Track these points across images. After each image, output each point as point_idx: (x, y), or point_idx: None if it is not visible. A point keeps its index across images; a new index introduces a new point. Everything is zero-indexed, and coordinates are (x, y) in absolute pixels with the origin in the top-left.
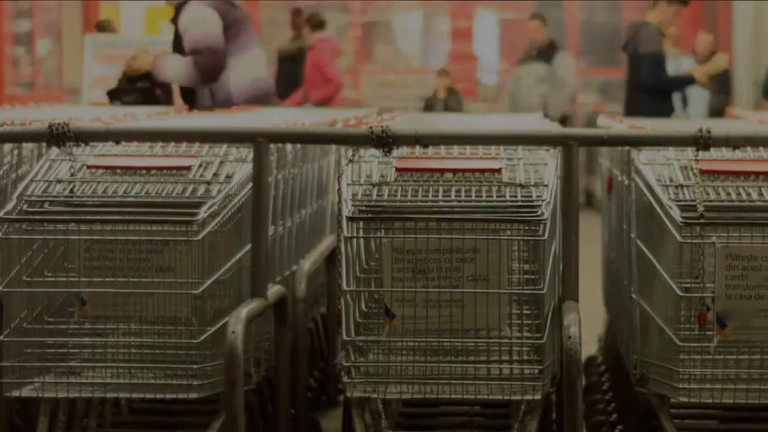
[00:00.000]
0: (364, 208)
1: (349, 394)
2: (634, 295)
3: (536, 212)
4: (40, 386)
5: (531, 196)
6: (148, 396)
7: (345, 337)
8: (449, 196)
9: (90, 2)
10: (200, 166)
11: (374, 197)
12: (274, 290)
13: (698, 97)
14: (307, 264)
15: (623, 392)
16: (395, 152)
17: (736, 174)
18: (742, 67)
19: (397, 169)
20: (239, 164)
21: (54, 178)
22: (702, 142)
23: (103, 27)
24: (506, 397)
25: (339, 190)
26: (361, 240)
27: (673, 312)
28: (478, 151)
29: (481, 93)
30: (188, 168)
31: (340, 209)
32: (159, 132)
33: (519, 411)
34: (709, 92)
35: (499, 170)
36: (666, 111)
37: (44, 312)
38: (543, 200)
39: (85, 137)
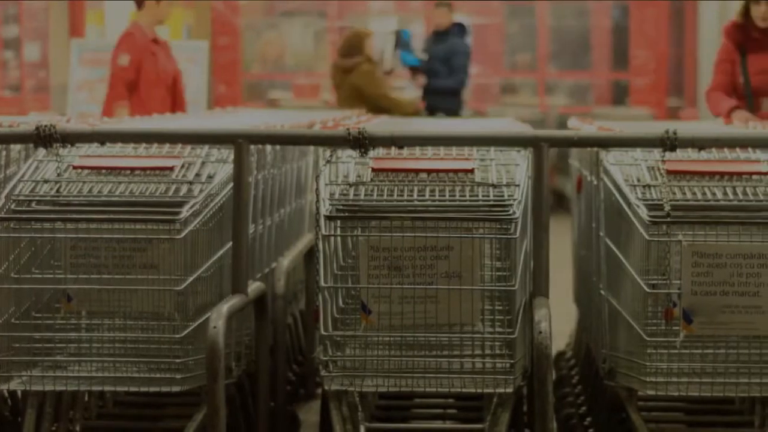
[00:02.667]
0: (341, 207)
1: (326, 387)
2: (602, 292)
3: (508, 211)
4: (28, 380)
5: (503, 196)
6: (133, 389)
7: (323, 332)
8: (424, 195)
9: (75, 7)
10: (182, 166)
11: (351, 197)
12: (254, 287)
13: None
14: (286, 261)
15: (592, 385)
16: (371, 153)
17: (702, 174)
18: (706, 70)
19: (374, 170)
20: (220, 165)
21: (41, 178)
22: (668, 143)
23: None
24: (479, 391)
25: (317, 189)
26: (339, 238)
27: (641, 308)
28: (452, 152)
29: None
30: (171, 168)
31: (318, 208)
32: (143, 134)
33: (491, 404)
34: None
35: (471, 170)
36: None
37: (31, 308)
38: (514, 199)
39: (71, 138)
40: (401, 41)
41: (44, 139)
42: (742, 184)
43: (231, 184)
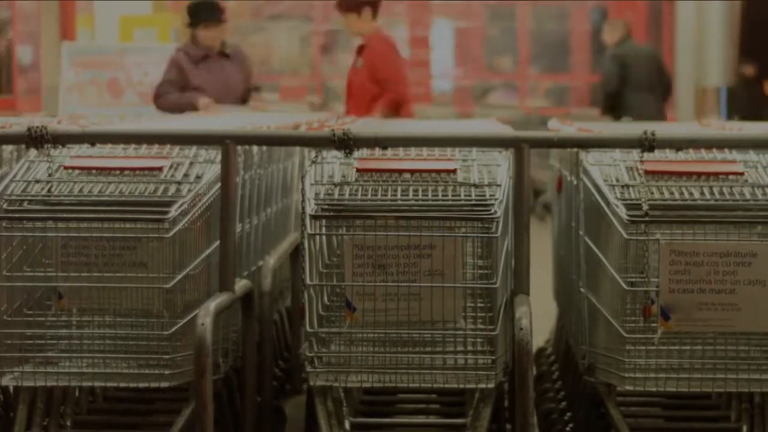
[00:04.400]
0: (326, 206)
1: (312, 383)
2: (582, 289)
3: (489, 210)
4: (20, 375)
5: (484, 195)
6: (122, 385)
7: (308, 329)
8: (407, 195)
9: (67, 11)
10: (171, 166)
11: (336, 196)
12: (241, 284)
13: None
14: (272, 259)
15: (572, 381)
16: (356, 154)
17: (679, 174)
18: (684, 74)
19: (358, 170)
20: (208, 165)
21: (33, 179)
22: (647, 144)
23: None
24: (461, 386)
25: (303, 189)
26: (324, 237)
27: (620, 305)
28: (435, 152)
29: (436, 98)
30: (160, 169)
31: (303, 208)
32: (132, 135)
33: (473, 399)
34: None
35: (454, 171)
36: None
37: (23, 305)
38: (496, 199)
39: (62, 139)
40: None
41: (36, 140)
42: (718, 184)
43: (218, 184)
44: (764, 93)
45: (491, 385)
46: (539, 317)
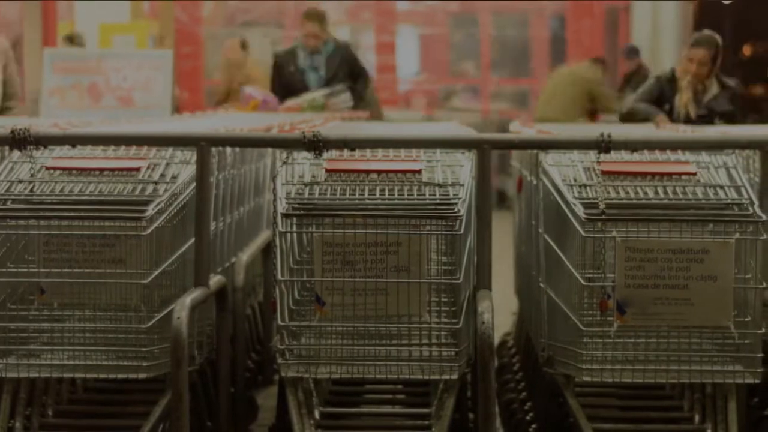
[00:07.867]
0: (297, 205)
1: (283, 374)
2: (542, 285)
3: (453, 209)
4: (3, 367)
5: (448, 195)
6: (102, 376)
7: (280, 323)
8: (374, 194)
9: (49, 19)
10: (148, 167)
11: (306, 196)
12: (215, 280)
13: None
14: (245, 256)
15: (532, 372)
16: (325, 155)
17: (634, 174)
18: None
19: (327, 170)
20: (184, 166)
21: (16, 179)
22: (603, 145)
23: (71, 40)
24: (426, 377)
25: (274, 189)
26: (295, 234)
27: (577, 300)
28: (401, 153)
29: (402, 101)
30: (137, 169)
31: (275, 206)
32: (111, 136)
33: (437, 389)
34: None
35: (419, 171)
36: None
37: (7, 300)
38: (459, 198)
39: (44, 141)
40: None
41: (19, 141)
42: (672, 184)
43: (194, 184)
44: None
45: (455, 377)
46: (501, 311)
